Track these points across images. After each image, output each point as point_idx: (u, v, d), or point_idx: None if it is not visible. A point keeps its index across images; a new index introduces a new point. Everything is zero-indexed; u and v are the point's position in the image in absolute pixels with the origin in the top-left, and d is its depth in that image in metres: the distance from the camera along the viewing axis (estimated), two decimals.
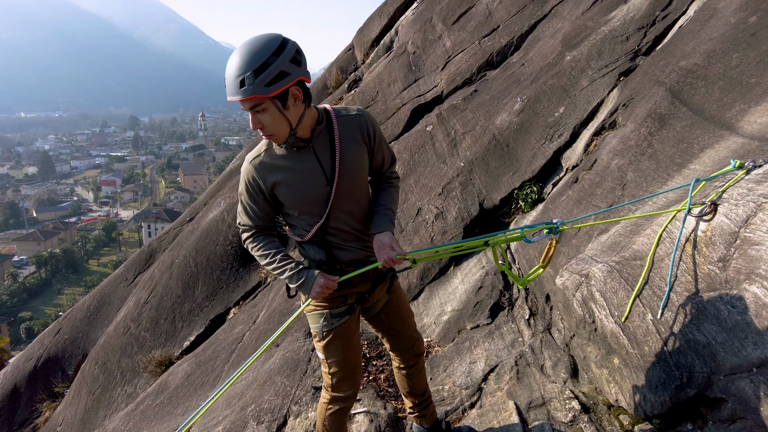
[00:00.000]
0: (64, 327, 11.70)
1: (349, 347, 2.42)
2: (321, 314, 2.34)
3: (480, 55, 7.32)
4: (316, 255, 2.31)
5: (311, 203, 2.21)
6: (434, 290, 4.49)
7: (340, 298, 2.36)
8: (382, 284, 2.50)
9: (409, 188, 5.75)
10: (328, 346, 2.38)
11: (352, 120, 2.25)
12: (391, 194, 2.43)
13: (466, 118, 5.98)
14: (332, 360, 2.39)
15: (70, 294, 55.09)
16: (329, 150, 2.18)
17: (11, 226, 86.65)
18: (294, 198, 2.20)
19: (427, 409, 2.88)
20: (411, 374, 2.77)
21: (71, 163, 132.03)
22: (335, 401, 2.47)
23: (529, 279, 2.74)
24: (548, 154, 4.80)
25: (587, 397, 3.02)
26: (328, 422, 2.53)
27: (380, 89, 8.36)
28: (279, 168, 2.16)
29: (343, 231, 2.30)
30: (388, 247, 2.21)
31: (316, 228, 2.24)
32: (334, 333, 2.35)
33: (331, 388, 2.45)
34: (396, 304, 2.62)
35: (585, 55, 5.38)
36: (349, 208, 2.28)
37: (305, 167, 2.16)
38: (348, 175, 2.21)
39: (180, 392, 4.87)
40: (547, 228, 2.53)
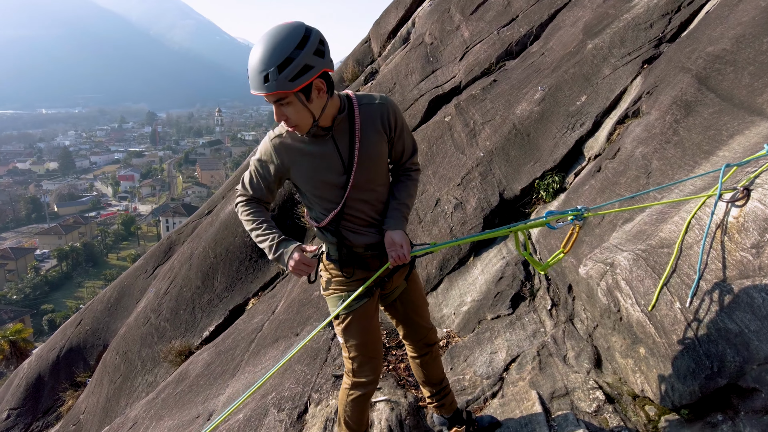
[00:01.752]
0: (86, 318, 11.90)
1: (368, 331, 2.41)
2: (340, 296, 2.36)
3: (499, 45, 7.24)
4: (331, 238, 2.32)
5: (327, 190, 2.21)
6: (453, 281, 4.46)
7: (361, 280, 2.34)
8: (401, 270, 2.48)
9: (427, 179, 5.72)
10: (347, 328, 2.37)
11: (375, 109, 2.22)
12: (408, 188, 2.40)
13: (485, 108, 5.92)
14: (352, 343, 2.39)
15: (90, 287, 56.00)
16: (348, 139, 2.16)
17: (33, 220, 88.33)
18: (308, 183, 2.22)
19: (446, 399, 2.87)
20: (425, 363, 2.76)
21: (91, 159, 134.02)
22: (356, 387, 2.45)
23: (550, 263, 2.71)
24: (570, 143, 4.73)
25: (611, 388, 2.98)
26: (350, 408, 2.53)
27: (397, 80, 8.31)
28: (298, 151, 2.15)
29: (359, 218, 2.28)
30: (398, 245, 2.21)
31: (332, 215, 2.23)
32: (352, 315, 2.35)
33: (353, 373, 2.44)
34: (413, 293, 2.62)
35: (607, 43, 5.28)
36: (366, 197, 2.26)
37: (323, 155, 2.15)
38: (366, 165, 2.19)
39: (200, 381, 4.91)
40: (572, 214, 2.48)
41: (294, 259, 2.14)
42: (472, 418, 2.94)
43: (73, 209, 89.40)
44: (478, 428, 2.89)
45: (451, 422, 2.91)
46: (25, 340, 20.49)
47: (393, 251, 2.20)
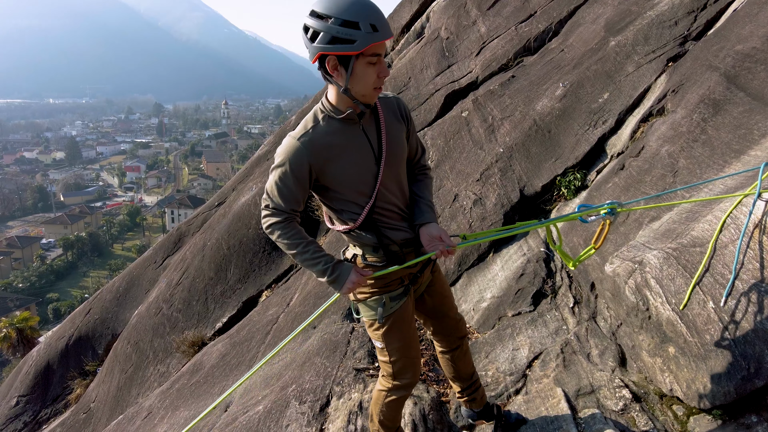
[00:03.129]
0: (95, 307, 11.94)
1: (409, 332, 2.36)
2: (379, 299, 2.28)
3: (517, 41, 7.18)
4: (368, 239, 2.23)
5: (362, 181, 2.15)
6: (473, 277, 4.44)
7: (397, 280, 2.29)
8: (429, 264, 2.45)
9: (444, 174, 5.69)
10: (388, 332, 2.30)
11: (391, 101, 2.27)
12: (428, 186, 2.41)
13: (504, 103, 5.88)
14: (393, 347, 2.32)
15: (96, 277, 56.28)
16: (375, 128, 2.17)
17: (40, 209, 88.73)
18: (345, 176, 2.12)
19: (477, 393, 2.83)
20: (456, 357, 2.71)
21: (97, 149, 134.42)
22: (396, 390, 2.41)
23: (581, 259, 2.67)
24: (592, 140, 4.69)
25: (637, 386, 2.95)
26: (386, 409, 2.49)
27: (412, 75, 8.27)
28: (329, 145, 2.08)
29: (391, 211, 2.24)
30: (437, 239, 2.18)
31: (367, 208, 2.16)
32: (393, 318, 2.29)
33: (392, 376, 2.38)
34: (439, 284, 2.57)
35: (630, 41, 5.22)
36: (394, 188, 2.24)
37: (355, 144, 2.12)
38: (394, 153, 2.20)
39: (216, 372, 4.91)
40: (607, 208, 2.43)
41: (353, 282, 2.15)
42: (501, 412, 2.91)
43: (79, 199, 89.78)
44: (505, 423, 2.87)
45: (479, 416, 2.88)
46: (32, 328, 20.64)
47: (436, 244, 2.15)
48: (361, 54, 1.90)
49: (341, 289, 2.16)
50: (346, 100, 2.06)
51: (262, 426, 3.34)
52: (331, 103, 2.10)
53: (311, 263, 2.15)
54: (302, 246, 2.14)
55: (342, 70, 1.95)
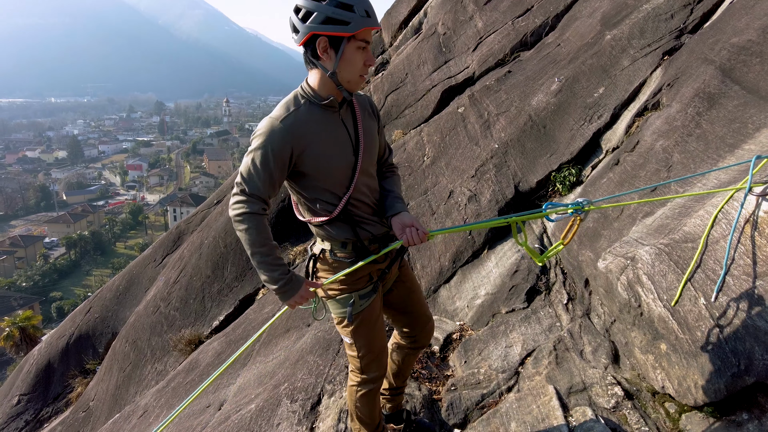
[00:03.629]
0: (95, 306, 11.96)
1: (375, 328, 2.36)
2: (348, 297, 2.26)
3: (513, 36, 7.13)
4: (342, 233, 2.21)
5: (340, 171, 2.13)
6: (467, 273, 4.41)
7: (365, 277, 2.28)
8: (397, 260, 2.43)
9: (440, 170, 5.66)
10: (357, 329, 2.30)
11: (363, 98, 2.30)
12: (396, 182, 2.42)
13: (499, 99, 5.84)
14: (361, 343, 2.33)
15: (99, 275, 56.40)
16: (352, 120, 2.18)
17: (42, 208, 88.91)
18: (323, 163, 2.09)
19: (398, 398, 2.86)
20: (411, 357, 2.71)
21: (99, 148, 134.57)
22: (365, 383, 2.42)
23: (548, 255, 2.65)
24: (587, 135, 4.65)
25: (630, 384, 2.93)
26: (361, 403, 2.50)
27: (409, 71, 8.23)
28: (310, 130, 2.05)
29: (365, 204, 2.24)
30: (409, 226, 2.17)
31: (345, 199, 2.14)
32: (362, 316, 2.28)
33: (360, 370, 2.40)
34: (407, 279, 2.55)
35: (626, 34, 5.18)
36: (368, 181, 2.25)
37: (335, 132, 2.12)
38: (368, 145, 2.21)
39: (211, 370, 4.90)
40: (572, 208, 2.41)
41: (301, 296, 2.14)
42: (411, 419, 2.91)
43: (81, 198, 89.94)
44: (415, 429, 2.88)
45: (387, 419, 2.87)
46: (34, 327, 20.69)
47: (408, 232, 2.15)
48: (353, 37, 1.93)
49: (288, 302, 2.14)
50: (329, 86, 2.05)
51: (253, 424, 3.33)
52: (313, 89, 2.08)
53: (269, 267, 2.08)
54: (267, 248, 2.07)
55: (332, 52, 1.96)
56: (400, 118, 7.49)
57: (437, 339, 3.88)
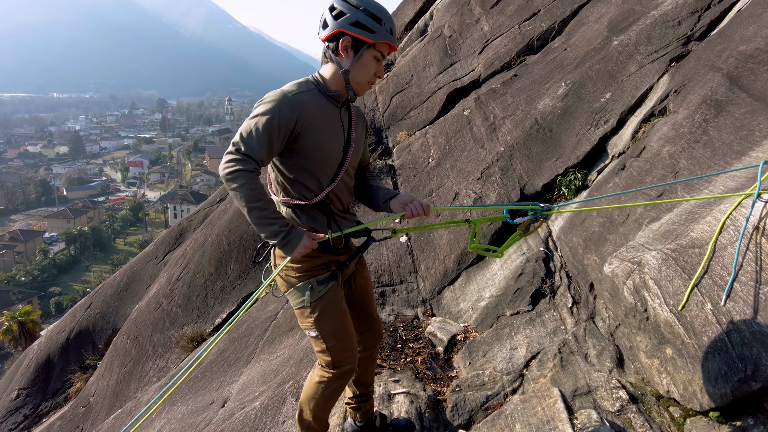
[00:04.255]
0: (95, 302, 11.96)
1: (340, 316, 2.34)
2: (306, 284, 2.28)
3: (519, 40, 7.15)
4: (310, 222, 2.27)
5: (329, 160, 2.24)
6: (471, 275, 4.43)
7: (322, 265, 2.31)
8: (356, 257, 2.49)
9: (444, 173, 5.68)
10: (320, 318, 2.28)
11: (358, 109, 2.47)
12: (379, 183, 2.58)
13: (505, 102, 5.86)
14: (327, 332, 2.30)
15: (98, 271, 56.39)
16: (348, 120, 2.33)
17: (43, 203, 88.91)
18: (318, 146, 2.17)
19: (366, 404, 2.80)
20: (364, 361, 2.68)
21: (101, 144, 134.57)
22: (336, 379, 2.35)
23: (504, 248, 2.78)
24: (593, 140, 4.67)
25: (635, 387, 2.95)
26: (323, 401, 2.43)
27: (415, 73, 8.25)
28: (316, 112, 2.15)
29: (340, 201, 2.35)
30: (410, 202, 2.34)
31: (327, 190, 2.25)
32: (323, 303, 2.28)
33: (332, 365, 2.33)
34: (362, 279, 2.59)
35: (633, 40, 5.20)
36: (349, 181, 2.39)
37: (334, 123, 2.25)
38: (356, 149, 2.35)
39: (214, 367, 4.92)
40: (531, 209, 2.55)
41: (305, 245, 2.16)
42: (386, 423, 2.89)
43: (82, 193, 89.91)
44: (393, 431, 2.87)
45: (362, 429, 2.83)
46: (33, 321, 20.68)
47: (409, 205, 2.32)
48: (373, 46, 2.13)
49: (293, 252, 2.16)
50: (339, 82, 2.20)
51: (258, 422, 3.35)
52: (325, 79, 2.22)
53: (267, 222, 2.10)
54: (263, 202, 2.08)
55: (351, 52, 2.14)
56: (405, 120, 7.51)
57: (441, 340, 3.90)
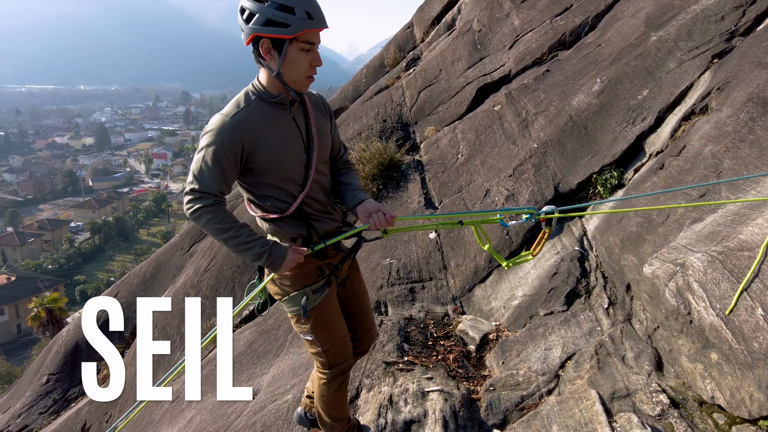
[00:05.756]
0: (122, 291, 12.18)
1: (333, 319, 2.33)
2: (302, 293, 2.24)
3: (551, 35, 7.04)
4: (293, 230, 2.20)
5: (292, 168, 2.13)
6: (503, 273, 4.38)
7: (316, 270, 2.27)
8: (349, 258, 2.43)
9: (474, 169, 5.62)
10: (315, 325, 2.28)
11: (316, 96, 2.30)
12: (354, 176, 2.43)
13: (538, 98, 5.77)
14: (323, 333, 2.30)
15: (121, 261, 57.40)
16: (303, 118, 2.18)
17: (69, 193, 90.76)
18: (274, 159, 2.07)
19: None
20: None
21: (125, 136, 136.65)
22: (336, 377, 2.38)
23: (516, 262, 2.66)
24: (630, 138, 4.57)
25: (675, 392, 2.88)
26: (333, 401, 2.45)
27: (443, 67, 8.18)
28: (261, 126, 2.04)
29: (318, 202, 2.24)
30: (375, 212, 2.17)
31: (300, 198, 2.14)
32: (318, 310, 2.26)
33: (328, 365, 2.36)
34: (356, 280, 2.53)
35: (673, 36, 5.07)
36: (321, 179, 2.25)
37: (286, 128, 2.11)
38: (321, 142, 2.21)
39: (243, 359, 4.96)
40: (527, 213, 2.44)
41: (291, 260, 2.12)
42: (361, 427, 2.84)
43: (107, 184, 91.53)
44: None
45: (313, 423, 2.81)
46: (60, 308, 21.18)
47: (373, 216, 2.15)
48: (295, 39, 1.94)
49: (281, 269, 2.12)
50: (277, 84, 2.05)
51: (291, 415, 3.35)
52: (263, 86, 2.08)
53: (245, 247, 2.07)
54: (235, 230, 2.05)
55: (275, 53, 1.97)
56: (433, 115, 7.46)
57: (473, 338, 3.87)
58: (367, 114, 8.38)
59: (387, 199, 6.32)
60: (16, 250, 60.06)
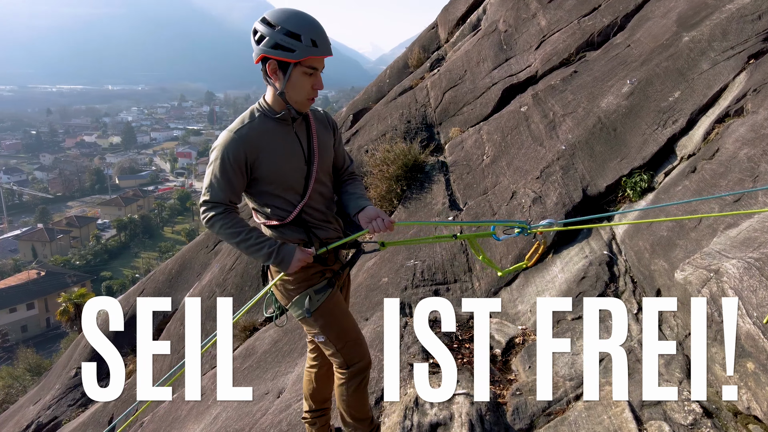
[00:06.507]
0: (148, 288, 12.40)
1: (342, 316, 2.43)
2: (304, 295, 2.36)
3: (579, 35, 6.95)
4: (295, 235, 2.35)
5: (293, 178, 2.29)
6: (530, 277, 4.34)
7: (318, 274, 2.39)
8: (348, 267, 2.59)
9: (500, 170, 5.59)
10: (324, 325, 2.39)
11: (320, 113, 2.49)
12: (358, 185, 2.57)
13: (565, 99, 5.71)
14: (334, 332, 2.40)
15: (146, 258, 58.38)
16: (306, 133, 2.36)
17: (96, 191, 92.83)
18: (275, 169, 2.25)
19: (322, 419, 2.85)
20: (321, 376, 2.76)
21: (151, 135, 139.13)
22: (354, 376, 2.45)
23: (509, 271, 2.79)
24: (661, 140, 4.49)
25: (708, 401, 2.82)
26: (353, 400, 2.51)
27: (468, 68, 8.14)
28: (263, 139, 2.23)
29: (318, 211, 2.39)
30: (375, 217, 2.30)
31: (300, 206, 2.30)
32: (323, 310, 2.37)
33: (345, 365, 2.44)
34: (346, 292, 2.68)
35: (706, 36, 4.96)
36: (322, 189, 2.40)
37: (287, 142, 2.29)
38: (322, 156, 2.37)
39: (268, 357, 5.01)
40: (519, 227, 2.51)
41: (299, 259, 2.25)
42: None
43: (133, 182, 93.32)
44: None
45: None
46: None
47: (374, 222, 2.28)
48: (299, 63, 2.12)
49: (289, 267, 2.26)
50: (281, 102, 2.24)
51: None
52: (268, 103, 2.28)
53: (255, 248, 2.23)
54: (245, 233, 2.23)
55: (280, 74, 2.16)
56: (457, 116, 7.43)
57: (499, 342, 3.84)
58: (391, 115, 8.39)
59: (411, 200, 6.32)
60: (46, 246, 61.69)
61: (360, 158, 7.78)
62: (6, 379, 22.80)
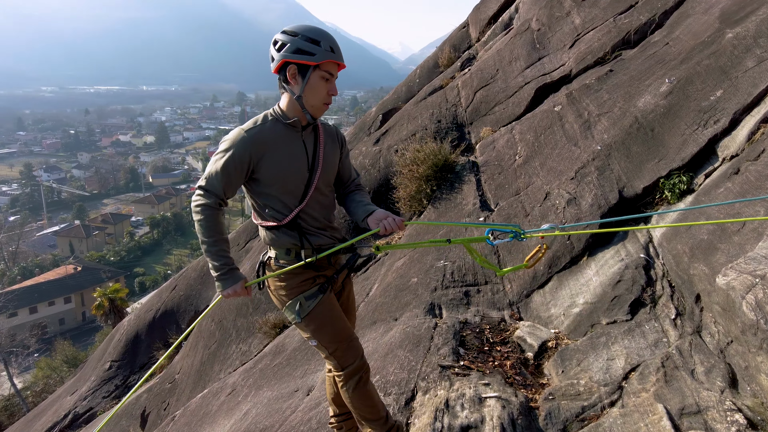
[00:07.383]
0: (180, 284, 12.64)
1: (334, 319, 2.47)
2: (295, 302, 2.43)
3: (615, 33, 6.80)
4: (288, 240, 2.42)
5: (293, 183, 2.37)
6: (563, 280, 4.26)
7: (309, 280, 2.45)
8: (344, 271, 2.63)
9: (533, 171, 5.50)
10: (316, 329, 2.44)
11: (330, 127, 2.59)
12: (366, 195, 2.66)
13: (601, 98, 5.58)
14: (325, 337, 2.45)
15: (178, 254, 59.66)
16: (313, 143, 2.45)
17: (131, 189, 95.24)
18: (276, 171, 2.33)
19: (348, 422, 2.86)
20: None
21: (184, 134, 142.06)
22: (351, 377, 2.50)
23: (507, 270, 2.76)
24: (701, 141, 4.34)
25: (753, 412, 2.71)
26: (356, 401, 2.55)
27: (500, 67, 8.05)
28: (270, 142, 2.32)
29: (314, 218, 2.45)
30: (384, 217, 2.39)
31: (296, 211, 2.38)
32: (314, 315, 2.42)
33: (340, 367, 2.50)
34: (346, 297, 2.73)
35: (752, 33, 4.78)
36: (322, 199, 2.48)
37: (293, 147, 2.38)
38: (326, 167, 2.46)
39: (297, 355, 5.04)
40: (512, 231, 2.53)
41: (234, 290, 2.36)
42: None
43: (166, 181, 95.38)
44: None
45: None
46: (121, 299, 22.27)
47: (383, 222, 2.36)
48: (318, 67, 2.25)
49: (222, 292, 2.39)
50: (296, 108, 2.34)
51: None
52: (282, 109, 2.38)
53: (214, 256, 2.35)
54: (215, 239, 2.34)
55: (299, 78, 2.27)
56: (489, 115, 7.35)
57: (531, 345, 3.78)
58: (422, 114, 8.35)
59: (440, 200, 6.28)
60: (82, 242, 63.65)
61: (389, 158, 7.76)
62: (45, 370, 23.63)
